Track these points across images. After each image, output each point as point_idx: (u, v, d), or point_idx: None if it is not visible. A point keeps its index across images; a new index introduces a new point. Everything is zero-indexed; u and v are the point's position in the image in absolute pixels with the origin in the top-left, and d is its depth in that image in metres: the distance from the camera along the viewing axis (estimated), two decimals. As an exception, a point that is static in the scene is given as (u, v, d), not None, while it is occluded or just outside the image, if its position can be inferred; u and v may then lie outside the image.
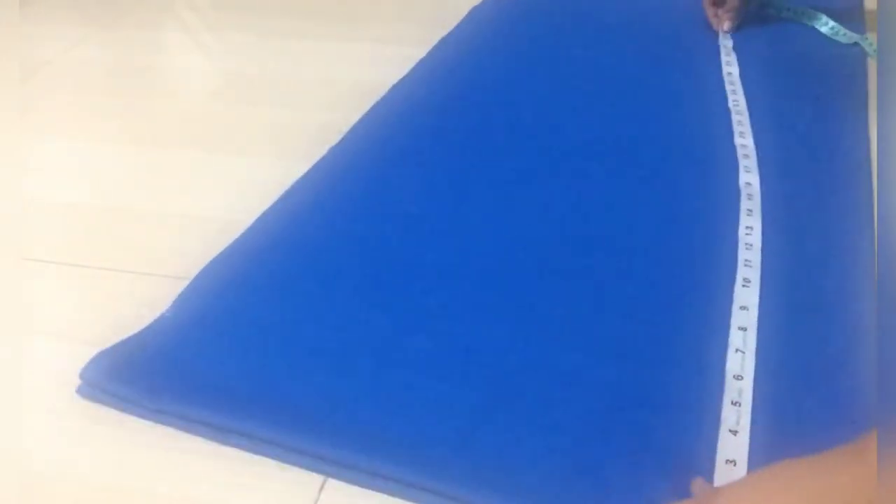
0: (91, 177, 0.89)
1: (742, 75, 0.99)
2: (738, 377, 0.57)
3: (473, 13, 1.20)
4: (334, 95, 1.03)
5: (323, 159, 0.85)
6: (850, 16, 1.11)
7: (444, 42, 1.12)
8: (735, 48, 1.06)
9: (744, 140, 0.85)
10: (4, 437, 0.57)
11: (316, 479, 0.53)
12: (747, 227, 0.73)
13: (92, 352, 0.64)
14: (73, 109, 1.03)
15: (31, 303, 0.70)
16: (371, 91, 1.03)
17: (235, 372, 0.59)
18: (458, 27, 1.16)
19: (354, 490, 0.52)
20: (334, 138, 0.92)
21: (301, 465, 0.53)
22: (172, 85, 1.14)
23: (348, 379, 0.58)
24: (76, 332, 0.67)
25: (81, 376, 0.59)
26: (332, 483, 0.53)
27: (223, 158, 0.91)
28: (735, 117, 0.90)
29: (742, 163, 0.82)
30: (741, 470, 0.51)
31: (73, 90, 1.08)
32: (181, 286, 0.70)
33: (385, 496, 0.52)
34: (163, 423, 0.57)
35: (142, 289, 0.71)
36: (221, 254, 0.71)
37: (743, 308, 0.64)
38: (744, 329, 0.62)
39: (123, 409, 0.58)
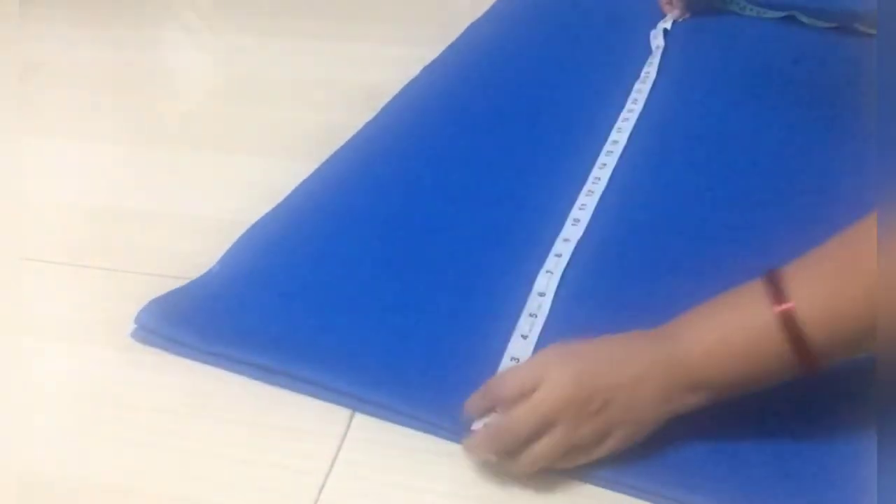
0: (91, 177, 0.89)
1: (662, 66, 1.02)
2: (542, 294, 0.66)
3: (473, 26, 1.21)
4: (334, 95, 1.03)
5: (356, 138, 0.91)
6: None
7: (452, 48, 1.14)
8: (671, 37, 1.10)
9: (619, 135, 0.89)
10: (4, 437, 0.57)
11: (346, 412, 0.58)
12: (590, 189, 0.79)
13: (92, 352, 0.64)
14: (72, 109, 1.03)
15: (31, 303, 0.70)
16: (371, 91, 1.03)
17: (277, 320, 0.65)
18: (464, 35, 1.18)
19: (379, 423, 0.57)
20: (335, 138, 0.92)
21: (333, 401, 0.59)
22: (172, 85, 1.14)
23: (375, 330, 0.64)
24: (76, 332, 0.67)
25: (136, 321, 0.65)
26: (359, 417, 0.58)
27: (223, 158, 0.91)
28: (628, 107, 0.94)
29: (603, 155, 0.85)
30: None
31: (72, 90, 1.08)
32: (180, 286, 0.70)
33: (405, 429, 0.57)
34: (211, 363, 0.62)
35: (142, 289, 0.71)
36: (264, 217, 0.77)
37: (566, 240, 0.72)
38: (559, 255, 0.70)
39: (176, 351, 0.63)
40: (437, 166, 0.85)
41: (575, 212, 0.76)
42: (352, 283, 0.69)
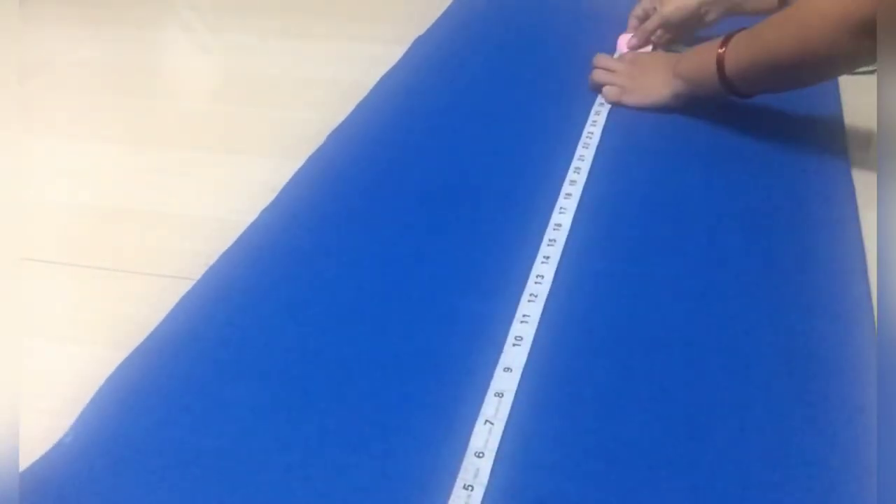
0: (91, 177, 0.89)
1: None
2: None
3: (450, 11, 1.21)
4: (334, 95, 1.03)
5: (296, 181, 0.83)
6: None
7: (421, 41, 1.14)
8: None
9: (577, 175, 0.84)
10: (4, 437, 0.57)
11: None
12: (540, 269, 0.70)
13: (91, 352, 0.64)
14: (73, 109, 1.03)
15: (31, 303, 0.70)
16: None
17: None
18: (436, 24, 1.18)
19: None
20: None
21: None
22: (172, 85, 1.14)
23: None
24: (76, 332, 0.67)
25: None
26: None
27: (223, 158, 0.91)
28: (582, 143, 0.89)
29: (560, 203, 0.79)
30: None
31: (73, 90, 1.08)
32: (181, 286, 0.70)
33: None
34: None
35: (142, 289, 0.71)
36: (134, 351, 0.62)
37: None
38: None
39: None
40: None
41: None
42: (258, 437, 0.54)
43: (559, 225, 0.75)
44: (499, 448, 0.53)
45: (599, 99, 0.99)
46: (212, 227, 0.78)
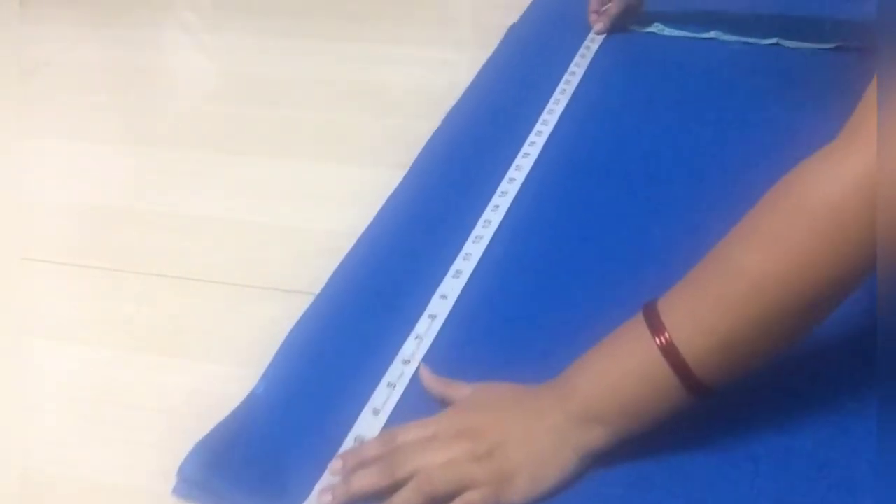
0: (91, 177, 0.89)
1: (581, 81, 0.97)
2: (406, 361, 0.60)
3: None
4: (334, 95, 1.03)
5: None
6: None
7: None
8: (595, 52, 1.06)
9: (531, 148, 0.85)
10: (4, 437, 0.57)
11: None
12: (485, 220, 0.74)
13: (92, 352, 0.64)
14: (72, 109, 1.03)
15: (31, 303, 0.70)
16: (371, 91, 1.03)
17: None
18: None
19: None
20: (334, 138, 0.92)
21: None
22: (172, 85, 1.14)
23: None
24: (76, 332, 0.67)
25: (179, 474, 0.52)
26: None
27: (223, 158, 0.91)
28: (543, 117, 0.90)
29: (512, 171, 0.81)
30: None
31: (72, 90, 1.08)
32: (181, 286, 0.70)
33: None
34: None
35: (142, 289, 0.71)
36: (305, 315, 0.65)
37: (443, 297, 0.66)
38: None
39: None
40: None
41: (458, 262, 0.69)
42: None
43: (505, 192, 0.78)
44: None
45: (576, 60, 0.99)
46: (212, 227, 0.78)
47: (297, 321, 0.64)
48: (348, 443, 0.53)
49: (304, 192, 0.84)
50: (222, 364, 0.63)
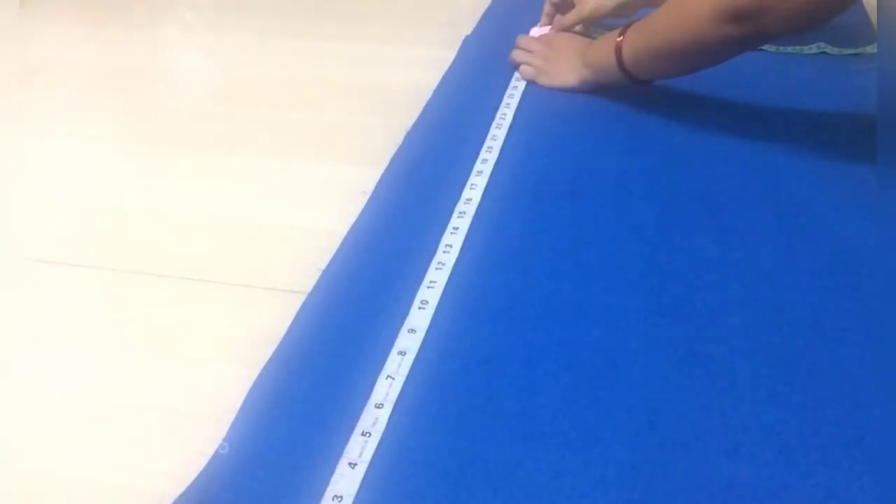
0: (91, 177, 0.89)
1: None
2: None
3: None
4: (334, 95, 1.03)
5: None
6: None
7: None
8: None
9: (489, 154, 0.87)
10: (4, 437, 0.57)
11: None
12: (447, 245, 0.73)
13: (91, 352, 0.64)
14: (72, 109, 1.03)
15: (31, 303, 0.70)
16: (370, 91, 1.03)
17: None
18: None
19: None
20: (334, 138, 0.92)
21: None
22: (172, 85, 1.14)
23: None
24: (76, 332, 0.67)
25: None
26: None
27: (223, 158, 0.91)
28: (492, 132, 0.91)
29: (471, 181, 0.82)
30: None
31: (72, 90, 1.08)
32: (181, 286, 0.70)
33: None
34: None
35: (142, 289, 0.71)
36: (267, 364, 0.62)
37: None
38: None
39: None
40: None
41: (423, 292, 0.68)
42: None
43: (469, 199, 0.79)
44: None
45: (516, 76, 1.04)
46: (211, 227, 0.78)
47: (260, 372, 0.60)
48: (326, 501, 0.50)
49: (304, 192, 0.84)
50: (222, 364, 0.63)
